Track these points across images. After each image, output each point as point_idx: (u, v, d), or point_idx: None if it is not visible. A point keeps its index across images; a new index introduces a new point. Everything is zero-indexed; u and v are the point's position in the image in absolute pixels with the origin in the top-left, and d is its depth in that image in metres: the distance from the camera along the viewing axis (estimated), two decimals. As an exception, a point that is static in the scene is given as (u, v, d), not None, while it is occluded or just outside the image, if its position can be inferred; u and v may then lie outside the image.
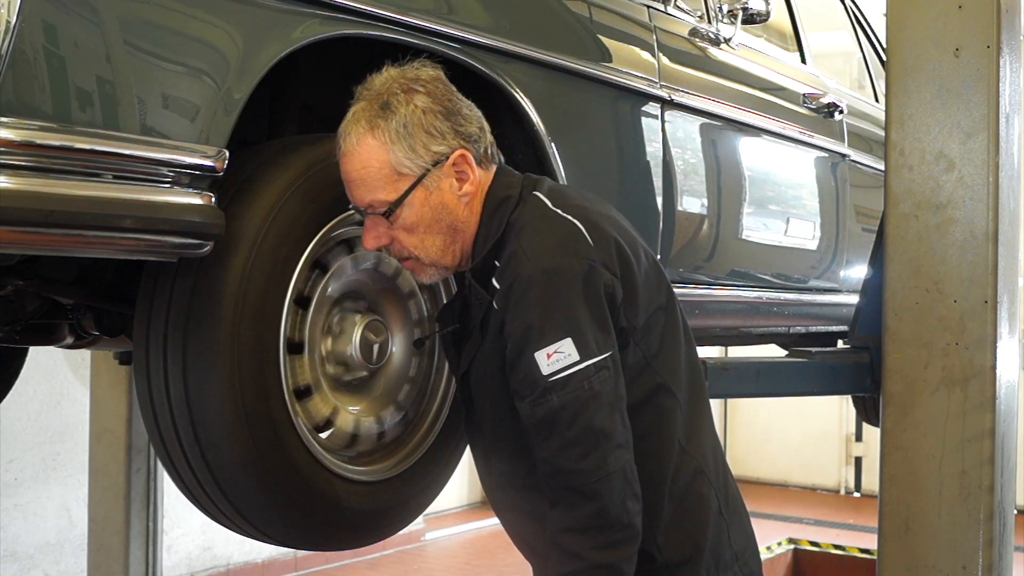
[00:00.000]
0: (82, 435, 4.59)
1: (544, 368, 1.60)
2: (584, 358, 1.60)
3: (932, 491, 2.38)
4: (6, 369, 3.04)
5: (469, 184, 1.71)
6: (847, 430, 9.90)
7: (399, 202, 1.67)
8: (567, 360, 1.59)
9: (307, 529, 1.80)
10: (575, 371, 1.60)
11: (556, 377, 1.60)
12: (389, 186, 1.67)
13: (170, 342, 1.67)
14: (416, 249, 1.71)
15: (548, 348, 1.59)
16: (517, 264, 1.65)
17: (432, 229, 1.70)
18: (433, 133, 1.67)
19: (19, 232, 1.37)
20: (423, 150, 1.67)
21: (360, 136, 1.67)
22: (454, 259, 1.75)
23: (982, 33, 2.37)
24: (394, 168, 1.66)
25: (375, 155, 1.66)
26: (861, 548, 7.23)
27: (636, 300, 1.69)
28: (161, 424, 1.73)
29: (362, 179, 1.68)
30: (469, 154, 1.70)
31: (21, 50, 1.33)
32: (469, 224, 1.73)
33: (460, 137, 1.70)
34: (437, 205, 1.69)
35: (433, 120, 1.67)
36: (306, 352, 1.80)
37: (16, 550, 5.28)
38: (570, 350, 1.59)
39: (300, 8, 1.70)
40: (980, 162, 2.38)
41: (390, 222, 1.69)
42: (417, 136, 1.66)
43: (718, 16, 3.01)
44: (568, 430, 1.60)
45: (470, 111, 1.73)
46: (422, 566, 7.11)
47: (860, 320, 2.84)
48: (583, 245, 1.65)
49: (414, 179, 1.67)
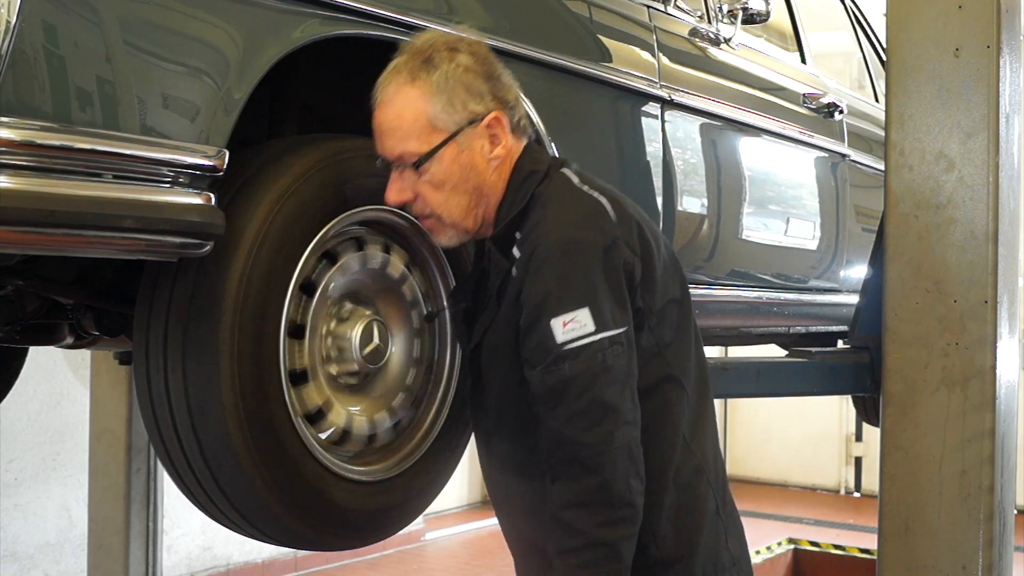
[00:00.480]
0: (82, 435, 4.59)
1: (559, 336, 1.59)
2: (599, 330, 1.59)
3: (932, 491, 2.38)
4: (6, 369, 3.04)
5: (500, 148, 1.72)
6: (847, 430, 9.90)
7: (430, 155, 1.68)
8: (582, 330, 1.59)
9: (307, 529, 1.80)
10: (589, 342, 1.59)
11: (570, 346, 1.59)
12: (422, 138, 1.68)
13: (170, 342, 1.67)
14: (439, 207, 1.72)
15: (564, 316, 1.59)
16: (540, 233, 1.65)
17: (458, 188, 1.71)
18: (472, 92, 1.68)
19: (19, 232, 1.37)
20: (460, 106, 1.68)
21: (400, 86, 1.68)
22: (475, 223, 1.75)
23: (982, 33, 2.37)
24: (430, 120, 1.67)
25: (412, 105, 1.67)
26: (861, 548, 7.23)
27: (654, 284, 1.69)
28: (161, 424, 1.72)
29: (395, 128, 1.69)
30: (504, 119, 1.71)
31: (21, 50, 1.33)
32: (495, 190, 1.73)
33: (498, 101, 1.71)
34: (467, 164, 1.70)
35: (474, 79, 1.69)
36: (306, 351, 1.80)
37: (16, 550, 5.28)
38: (586, 320, 1.59)
39: (300, 8, 1.70)
40: (980, 162, 2.38)
41: (418, 175, 1.70)
42: (457, 92, 1.67)
43: (718, 16, 3.01)
44: (577, 400, 1.59)
45: (509, 80, 1.75)
46: (422, 566, 7.11)
47: (860, 320, 2.84)
48: (607, 221, 1.65)
49: (448, 134, 1.68)
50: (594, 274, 1.61)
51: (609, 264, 1.62)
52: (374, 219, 1.90)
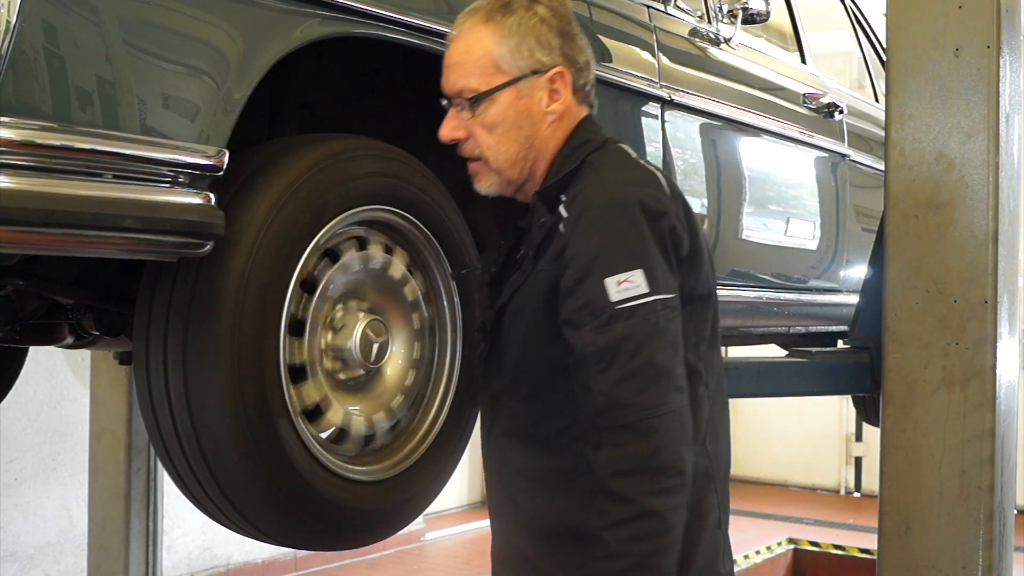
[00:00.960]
0: (82, 435, 4.59)
1: (613, 295, 1.57)
2: (653, 292, 1.58)
3: (932, 491, 2.38)
4: (6, 369, 3.04)
5: (559, 104, 1.73)
6: (847, 430, 9.90)
7: (488, 94, 1.70)
8: (637, 290, 1.57)
9: (307, 529, 1.80)
10: (644, 303, 1.57)
11: (624, 305, 1.57)
12: (484, 76, 1.70)
13: (170, 341, 1.67)
14: (489, 150, 1.73)
15: (619, 276, 1.57)
16: (593, 191, 1.65)
17: (510, 135, 1.72)
18: (542, 42, 1.71)
19: (20, 232, 1.37)
20: (527, 53, 1.70)
21: (475, 23, 1.71)
22: (520, 175, 1.75)
23: (982, 33, 2.37)
24: (495, 61, 1.70)
25: (481, 42, 1.70)
26: (861, 548, 7.23)
27: (699, 266, 1.69)
28: (161, 424, 1.72)
29: (461, 63, 1.72)
30: (568, 76, 1.73)
31: (21, 50, 1.33)
32: (546, 146, 1.74)
33: (566, 58, 1.73)
34: (523, 111, 1.71)
35: (547, 31, 1.71)
36: (306, 351, 1.80)
37: (16, 550, 5.28)
38: (640, 281, 1.57)
39: (300, 8, 1.70)
40: (980, 162, 2.38)
41: (473, 113, 1.71)
42: (527, 39, 1.70)
43: (718, 16, 3.01)
44: (630, 361, 1.56)
45: (583, 44, 1.77)
46: (422, 566, 7.11)
47: (860, 320, 2.84)
48: (662, 193, 1.65)
49: (510, 78, 1.70)
50: (647, 236, 1.60)
51: (661, 231, 1.61)
52: (374, 219, 1.90)
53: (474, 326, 2.07)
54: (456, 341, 2.06)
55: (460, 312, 2.06)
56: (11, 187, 1.33)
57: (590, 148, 1.73)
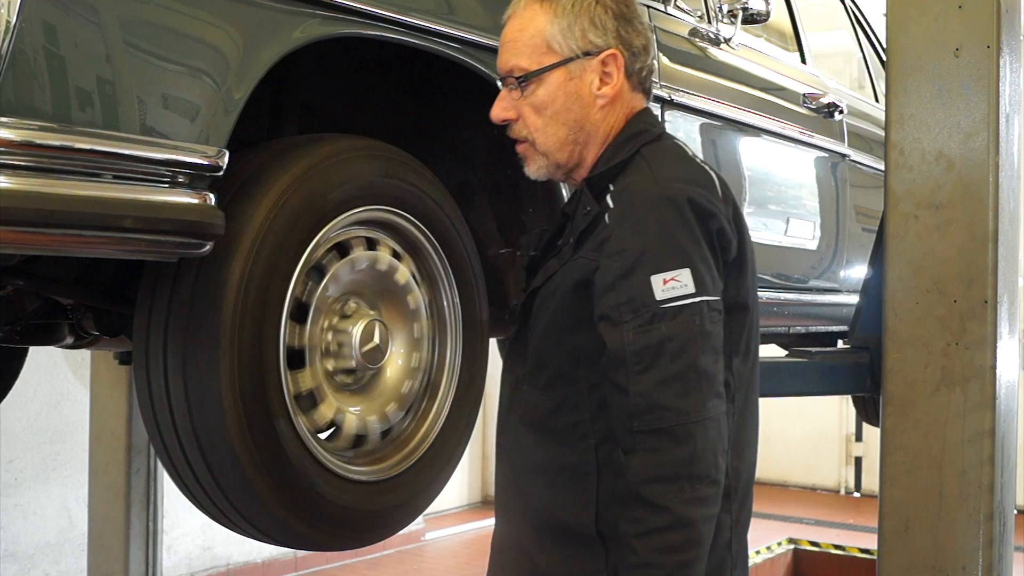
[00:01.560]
0: (82, 435, 4.59)
1: (658, 293, 1.53)
2: (700, 293, 1.53)
3: (932, 491, 2.38)
4: (6, 369, 3.05)
5: (610, 87, 1.70)
6: (847, 430, 9.90)
7: (537, 73, 1.68)
8: (683, 290, 1.53)
9: (306, 529, 1.79)
10: (689, 303, 1.53)
11: (669, 305, 1.52)
12: (534, 56, 1.69)
13: (170, 342, 1.67)
14: (536, 132, 1.71)
15: (666, 274, 1.53)
16: (644, 185, 1.61)
17: (559, 117, 1.70)
18: (596, 24, 1.68)
19: (19, 232, 1.37)
20: (580, 34, 1.68)
21: (530, 2, 1.70)
22: (569, 159, 1.72)
23: (982, 33, 2.37)
24: (546, 40, 1.68)
25: (534, 21, 1.69)
26: (861, 548, 7.23)
27: (744, 272, 1.65)
28: (161, 424, 1.72)
29: (514, 41, 1.70)
30: (621, 59, 1.70)
31: (21, 50, 1.33)
32: (597, 131, 1.71)
33: (621, 41, 1.70)
34: (572, 94, 1.69)
35: (602, 13, 1.69)
36: (306, 350, 1.80)
37: (16, 550, 5.28)
38: (687, 281, 1.53)
39: (300, 8, 1.70)
40: (980, 162, 2.38)
41: (523, 93, 1.70)
42: (580, 20, 1.68)
43: (718, 16, 3.01)
44: (672, 363, 1.51)
45: (642, 28, 1.73)
46: (422, 566, 7.11)
47: (860, 320, 2.84)
48: (713, 193, 1.62)
49: (560, 58, 1.68)
50: (697, 235, 1.56)
51: (710, 230, 1.58)
52: (374, 219, 1.90)
53: (475, 325, 2.07)
54: (456, 340, 2.06)
55: (460, 312, 2.06)
56: (11, 187, 1.33)
57: (645, 139, 1.69)
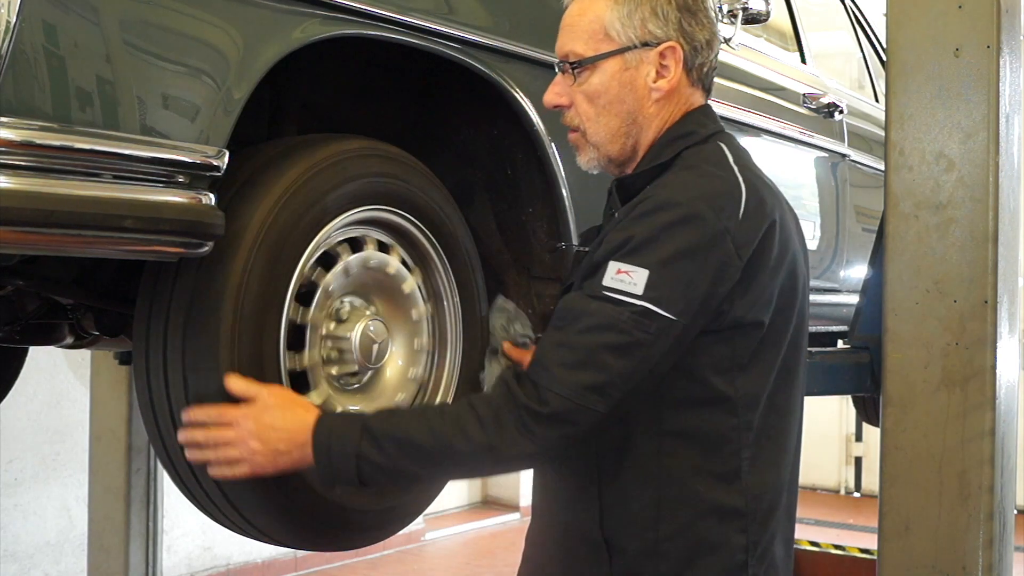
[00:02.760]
0: (82, 435, 4.59)
1: (607, 279, 1.51)
2: (645, 299, 1.49)
3: (932, 491, 2.38)
4: (6, 369, 3.05)
5: (666, 80, 1.65)
6: (847, 430, 9.89)
7: (592, 60, 1.64)
8: (630, 288, 1.50)
9: (307, 529, 1.80)
10: (627, 300, 1.49)
11: (609, 293, 1.50)
12: (591, 42, 1.65)
13: (170, 342, 1.67)
14: (588, 121, 1.67)
15: (624, 265, 1.51)
16: (662, 189, 1.57)
17: (611, 108, 1.66)
18: (658, 14, 1.63)
19: (19, 232, 1.36)
20: (640, 23, 1.63)
21: None
22: (621, 152, 1.68)
23: (982, 33, 2.37)
24: (604, 27, 1.64)
25: (594, 6, 1.65)
26: (861, 548, 7.21)
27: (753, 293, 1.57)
28: (161, 424, 1.72)
29: (572, 25, 1.67)
30: (680, 52, 1.65)
31: (21, 50, 1.33)
32: (650, 123, 1.67)
33: (683, 34, 1.65)
34: (627, 84, 1.65)
35: (665, 4, 1.64)
36: (306, 351, 1.80)
37: (16, 550, 5.28)
38: (640, 282, 1.49)
39: (300, 8, 1.69)
40: (980, 162, 2.38)
41: (576, 80, 1.66)
42: (642, 8, 1.63)
43: (718, 16, 3.01)
44: (577, 335, 1.51)
45: (707, 21, 1.68)
46: (422, 566, 7.11)
47: (860, 320, 2.84)
48: (731, 209, 1.54)
49: (618, 47, 1.64)
50: (681, 250, 1.50)
51: (704, 252, 1.51)
52: (375, 219, 1.90)
53: (475, 325, 2.07)
54: (457, 340, 2.06)
55: (461, 312, 2.06)
56: (11, 187, 1.33)
57: (690, 141, 1.65)
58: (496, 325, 2.04)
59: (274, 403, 1.57)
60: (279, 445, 1.56)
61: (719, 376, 1.59)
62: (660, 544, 1.60)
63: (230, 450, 1.56)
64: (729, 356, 1.59)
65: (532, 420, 1.50)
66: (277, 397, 1.59)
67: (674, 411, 1.59)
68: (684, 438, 1.60)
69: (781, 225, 1.61)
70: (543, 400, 1.50)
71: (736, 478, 1.61)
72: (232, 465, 1.58)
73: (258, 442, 1.55)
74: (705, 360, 1.58)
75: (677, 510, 1.60)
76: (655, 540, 1.60)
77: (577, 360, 1.50)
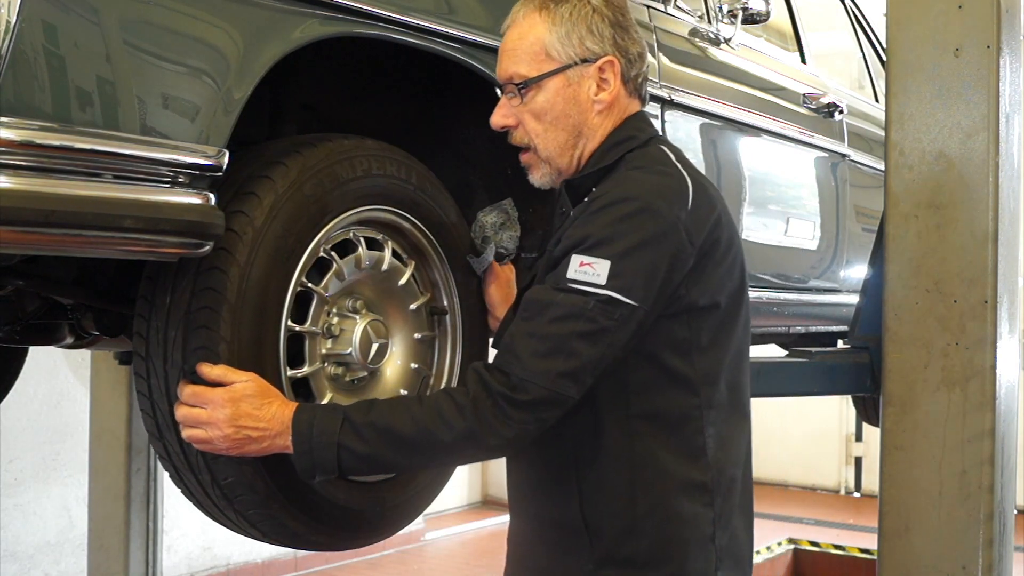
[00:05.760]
0: (82, 435, 4.59)
1: (571, 272, 1.60)
2: (608, 288, 1.59)
3: (932, 491, 2.38)
4: (6, 369, 3.04)
5: (607, 93, 1.75)
6: (847, 430, 9.90)
7: (536, 80, 1.73)
8: (593, 278, 1.59)
9: (306, 529, 1.80)
10: (591, 291, 1.59)
11: (574, 284, 1.60)
12: (533, 63, 1.74)
13: (170, 342, 1.67)
14: (537, 138, 1.76)
15: (587, 258, 1.60)
16: (613, 186, 1.67)
17: (558, 123, 1.75)
18: (593, 32, 1.73)
19: (19, 232, 1.37)
20: (578, 42, 1.73)
21: (528, 11, 1.75)
22: (569, 164, 1.77)
23: (982, 33, 2.37)
24: (545, 48, 1.73)
25: (533, 30, 1.74)
26: (861, 548, 7.23)
27: (705, 279, 1.68)
28: (161, 425, 1.72)
29: (513, 49, 1.75)
30: (618, 66, 1.75)
31: (21, 50, 1.33)
32: (594, 134, 1.76)
33: (617, 49, 1.75)
34: (570, 100, 1.74)
35: (599, 21, 1.74)
36: (306, 351, 1.80)
37: (16, 550, 5.28)
38: (602, 272, 1.59)
39: (300, 8, 1.70)
40: (980, 162, 2.38)
41: (522, 100, 1.74)
42: (578, 28, 1.73)
43: (718, 16, 3.01)
44: (546, 325, 1.59)
45: (638, 37, 1.79)
46: (422, 566, 7.12)
47: (860, 320, 2.84)
48: (680, 202, 1.65)
49: (559, 65, 1.73)
50: (639, 241, 1.60)
51: (659, 242, 1.61)
52: (375, 219, 1.90)
53: (474, 325, 2.07)
54: (456, 339, 2.06)
55: (460, 312, 2.06)
56: (11, 187, 1.33)
57: (631, 145, 1.74)
58: (487, 220, 2.08)
59: (251, 392, 1.61)
60: (251, 433, 1.59)
61: (679, 358, 1.68)
62: (636, 523, 1.69)
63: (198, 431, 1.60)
64: (687, 339, 1.68)
65: (509, 407, 1.58)
66: (253, 386, 1.61)
67: (640, 395, 1.69)
68: (651, 420, 1.69)
69: (725, 217, 1.73)
70: (518, 388, 1.58)
71: (702, 454, 1.72)
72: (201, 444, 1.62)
73: (232, 428, 1.58)
74: (666, 343, 1.67)
75: (650, 489, 1.69)
76: (632, 519, 1.69)
77: (548, 349, 1.59)
